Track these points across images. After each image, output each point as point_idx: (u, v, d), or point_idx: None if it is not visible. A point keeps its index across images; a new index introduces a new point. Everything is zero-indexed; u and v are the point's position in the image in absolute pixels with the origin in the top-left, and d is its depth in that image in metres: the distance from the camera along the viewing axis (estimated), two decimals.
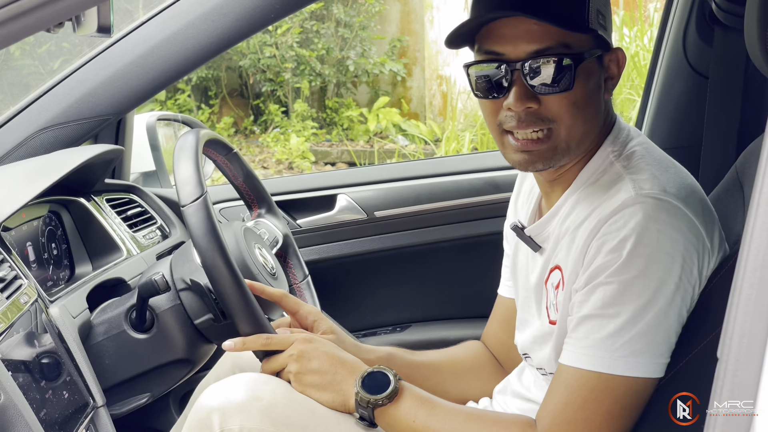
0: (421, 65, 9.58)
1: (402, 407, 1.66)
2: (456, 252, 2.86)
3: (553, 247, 1.70)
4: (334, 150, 8.73)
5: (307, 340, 1.72)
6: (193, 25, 2.25)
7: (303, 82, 9.06)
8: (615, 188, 1.57)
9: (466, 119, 8.38)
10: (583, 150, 1.64)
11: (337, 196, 2.85)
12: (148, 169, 2.85)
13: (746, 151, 1.96)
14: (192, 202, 1.70)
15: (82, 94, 2.28)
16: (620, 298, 1.50)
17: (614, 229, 1.51)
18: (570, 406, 1.55)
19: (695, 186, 1.64)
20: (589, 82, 1.58)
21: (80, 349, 1.79)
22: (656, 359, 1.51)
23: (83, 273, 2.19)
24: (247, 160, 2.17)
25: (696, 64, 2.43)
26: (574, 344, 1.56)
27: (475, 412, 1.70)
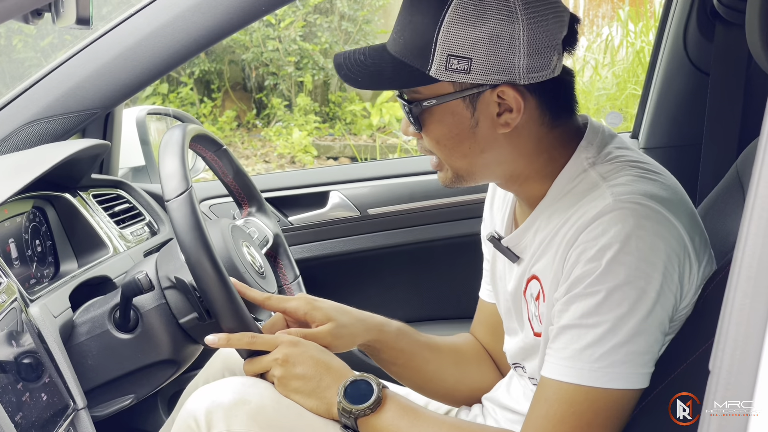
0: None
1: (385, 417, 1.64)
2: (450, 250, 2.83)
3: (530, 258, 1.67)
4: (337, 144, 8.71)
5: (293, 343, 1.70)
6: (183, 17, 2.21)
7: (306, 76, 9.03)
8: (592, 195, 1.53)
9: None
10: (496, 176, 1.65)
11: (330, 193, 2.82)
12: (138, 164, 2.82)
13: (747, 150, 1.94)
14: (176, 196, 1.68)
15: (69, 88, 2.24)
16: (599, 308, 1.46)
17: (592, 237, 1.47)
18: (549, 420, 1.51)
19: (677, 188, 1.60)
20: (452, 124, 1.57)
21: (61, 350, 1.75)
22: (638, 369, 1.48)
23: (68, 270, 2.15)
24: (238, 157, 2.13)
25: (697, 60, 2.40)
26: (554, 355, 1.53)
27: (459, 424, 1.68)
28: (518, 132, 1.58)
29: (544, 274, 1.61)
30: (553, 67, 1.54)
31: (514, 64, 1.50)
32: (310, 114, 9.02)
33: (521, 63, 1.50)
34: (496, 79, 1.52)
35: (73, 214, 2.22)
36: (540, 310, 1.65)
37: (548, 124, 1.60)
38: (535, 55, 1.51)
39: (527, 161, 1.62)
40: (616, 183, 1.52)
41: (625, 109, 7.13)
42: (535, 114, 1.57)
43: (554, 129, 1.60)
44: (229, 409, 1.66)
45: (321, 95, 9.54)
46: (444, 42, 1.50)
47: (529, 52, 1.50)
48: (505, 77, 1.51)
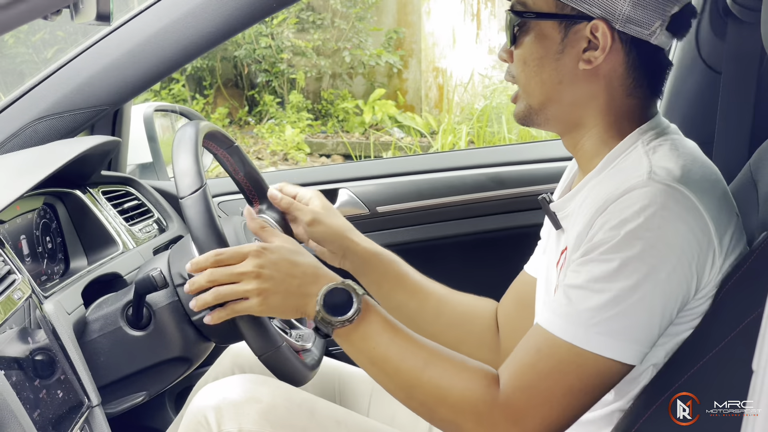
0: (417, 57, 9.56)
1: (364, 331, 1.59)
2: (459, 249, 2.82)
3: (570, 229, 1.67)
4: (329, 142, 8.71)
5: (260, 252, 1.62)
6: (193, 14, 2.20)
7: (298, 73, 9.03)
8: (633, 168, 1.55)
9: (462, 112, 8.36)
10: (563, 119, 1.68)
11: (339, 191, 2.81)
12: (145, 160, 2.81)
13: (761, 149, 1.94)
14: (191, 193, 1.67)
15: (78, 84, 2.23)
16: (609, 276, 1.47)
17: (619, 209, 1.48)
18: (536, 371, 1.51)
19: (718, 184, 1.61)
20: (541, 44, 1.63)
21: (75, 347, 1.74)
22: (631, 345, 1.48)
23: (78, 267, 2.14)
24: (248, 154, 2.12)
25: (709, 59, 2.39)
26: (556, 308, 1.53)
27: (440, 351, 1.62)
28: (597, 77, 1.61)
29: (571, 241, 1.61)
30: (652, 31, 1.58)
31: (617, 5, 1.56)
32: (302, 111, 9.02)
33: (624, 7, 1.56)
34: (596, 13, 1.57)
35: (82, 211, 2.21)
36: (559, 279, 1.66)
37: (627, 88, 1.63)
38: (640, 7, 1.56)
39: (594, 114, 1.65)
40: (657, 164, 1.53)
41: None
42: (618, 69, 1.61)
43: (630, 97, 1.63)
44: (239, 406, 1.65)
45: (313, 92, 9.54)
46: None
47: (635, 2, 1.56)
48: (604, 14, 1.57)
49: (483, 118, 7.43)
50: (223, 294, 1.62)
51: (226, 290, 1.62)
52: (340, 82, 9.53)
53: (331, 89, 9.51)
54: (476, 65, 9.33)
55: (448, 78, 9.21)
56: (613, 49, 1.59)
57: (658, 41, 1.59)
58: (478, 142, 7.35)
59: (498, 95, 7.85)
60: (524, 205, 2.77)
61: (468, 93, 8.86)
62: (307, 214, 2.01)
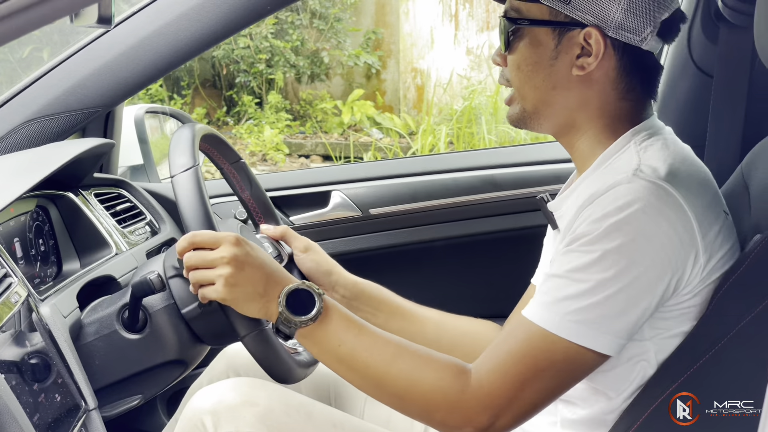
0: (395, 58, 9.57)
1: (327, 330, 1.61)
2: (453, 251, 2.83)
3: (565, 229, 1.68)
4: (308, 142, 8.70)
5: (236, 242, 1.63)
6: (186, 16, 2.20)
7: (277, 74, 9.02)
8: (622, 165, 1.59)
9: (440, 113, 8.37)
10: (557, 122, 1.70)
11: (332, 193, 2.81)
12: (136, 162, 2.80)
13: (753, 152, 1.95)
14: (182, 171, 1.68)
15: (70, 86, 2.22)
16: (588, 267, 1.50)
17: (603, 203, 1.51)
18: (510, 356, 1.54)
19: (707, 182, 1.65)
20: (535, 50, 1.66)
21: (72, 350, 1.74)
22: (605, 335, 1.50)
23: (71, 270, 2.13)
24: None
25: (701, 62, 2.41)
26: (536, 299, 1.56)
27: (407, 346, 1.63)
28: (590, 82, 1.64)
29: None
30: (643, 37, 1.62)
31: (610, 13, 1.60)
32: (281, 111, 9.00)
33: (616, 15, 1.60)
34: (589, 20, 1.61)
35: (75, 214, 2.19)
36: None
37: (620, 92, 1.66)
38: (632, 14, 1.60)
39: (588, 117, 1.68)
40: (644, 162, 1.57)
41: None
42: (611, 74, 1.64)
43: (623, 100, 1.66)
44: (236, 410, 1.65)
45: (292, 93, 9.52)
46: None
47: (628, 9, 1.59)
48: (597, 21, 1.60)
49: (462, 119, 7.44)
50: (196, 278, 1.64)
51: (199, 275, 1.63)
52: (319, 82, 9.52)
53: (310, 90, 9.50)
54: (455, 66, 9.34)
55: (427, 78, 9.22)
56: (606, 55, 1.62)
57: (648, 46, 1.63)
58: (458, 143, 7.35)
59: (477, 96, 7.86)
60: (518, 208, 2.78)
61: (447, 94, 8.87)
62: (301, 241, 2.04)
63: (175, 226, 2.54)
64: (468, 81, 9.06)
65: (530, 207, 2.73)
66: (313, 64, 9.26)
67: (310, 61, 9.23)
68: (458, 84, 9.05)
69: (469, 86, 8.74)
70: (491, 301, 2.50)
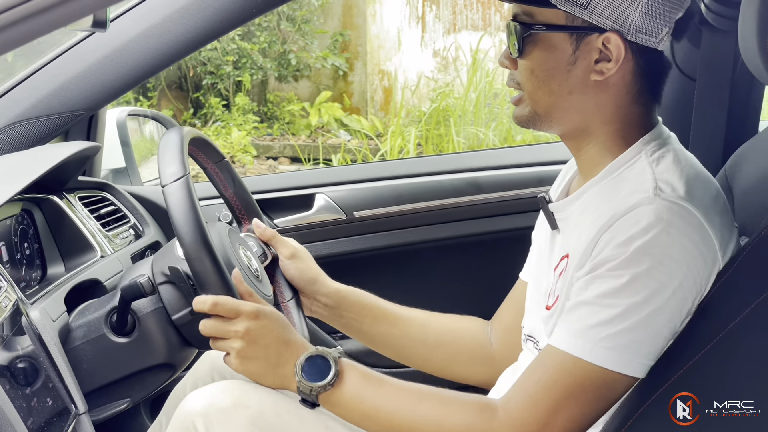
0: (362, 60, 9.57)
1: (347, 390, 1.65)
2: (437, 253, 2.84)
3: (568, 234, 1.71)
4: (276, 144, 8.69)
5: (254, 315, 1.68)
6: (171, 19, 2.20)
7: (244, 76, 8.99)
8: (636, 184, 1.58)
9: (408, 115, 8.38)
10: (569, 126, 1.69)
11: (316, 196, 2.81)
12: (118, 165, 2.79)
13: (736, 155, 1.98)
14: (173, 181, 1.69)
15: (53, 89, 2.21)
16: (618, 292, 1.51)
17: (626, 226, 1.51)
18: (541, 386, 1.55)
19: (719, 197, 1.65)
20: (552, 55, 1.63)
21: (61, 354, 1.74)
22: (637, 358, 1.52)
23: (55, 274, 2.13)
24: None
25: (684, 66, 2.42)
26: (564, 327, 1.57)
27: (428, 391, 1.68)
28: (607, 87, 1.63)
29: (573, 253, 1.64)
30: (660, 39, 1.61)
31: (629, 17, 1.58)
32: (248, 113, 8.98)
33: (635, 19, 1.58)
34: (608, 25, 1.59)
35: (60, 217, 2.19)
36: (557, 285, 1.69)
37: (633, 95, 1.65)
38: (649, 17, 1.58)
39: (601, 122, 1.67)
40: (661, 179, 1.57)
41: None
42: (627, 78, 1.64)
43: (636, 104, 1.66)
44: (227, 412, 1.65)
45: (259, 95, 9.50)
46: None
47: (646, 12, 1.58)
48: (615, 25, 1.59)
49: (431, 121, 7.45)
50: (214, 345, 1.72)
51: (216, 344, 1.71)
52: (286, 84, 9.50)
53: (277, 92, 9.48)
54: (422, 68, 9.35)
55: (394, 80, 9.23)
56: (624, 59, 1.61)
57: (663, 47, 1.63)
58: (426, 145, 7.36)
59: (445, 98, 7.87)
60: (502, 210, 2.79)
61: (414, 96, 8.88)
62: (288, 248, 2.06)
63: (159, 230, 2.54)
64: (435, 83, 9.07)
65: (514, 209, 2.75)
66: (281, 66, 9.24)
67: (277, 63, 9.21)
68: (425, 86, 9.06)
69: (436, 88, 8.75)
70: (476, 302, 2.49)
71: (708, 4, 2.26)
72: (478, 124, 7.27)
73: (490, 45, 8.53)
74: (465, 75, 8.13)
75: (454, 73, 9.04)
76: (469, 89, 7.47)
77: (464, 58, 8.89)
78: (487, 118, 7.42)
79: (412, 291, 2.81)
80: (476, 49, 7.92)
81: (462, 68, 8.72)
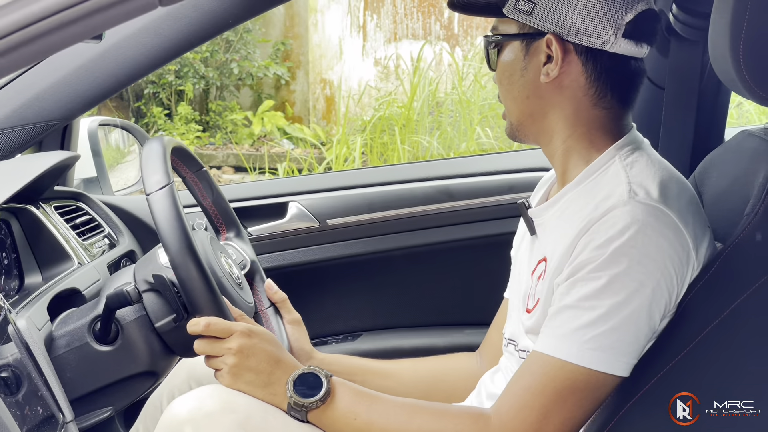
0: (304, 69, 9.57)
1: (339, 406, 1.68)
2: (410, 261, 2.86)
3: (545, 238, 1.75)
4: (220, 153, 8.65)
5: (247, 333, 1.72)
6: (147, 29, 2.20)
7: (186, 85, 8.94)
8: (611, 188, 1.62)
9: (350, 123, 8.39)
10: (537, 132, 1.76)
11: (289, 204, 2.82)
12: (90, 175, 2.78)
13: (706, 161, 2.02)
14: (157, 190, 1.71)
15: (27, 99, 2.19)
16: (599, 293, 1.55)
17: (603, 229, 1.56)
18: (530, 391, 1.59)
19: (693, 198, 1.70)
20: (509, 63, 1.74)
21: (48, 363, 1.73)
22: (621, 357, 1.56)
23: (33, 283, 2.12)
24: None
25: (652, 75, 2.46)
26: (549, 333, 1.61)
27: (421, 404, 1.72)
28: (560, 88, 1.70)
29: (551, 256, 1.68)
30: (605, 40, 1.66)
31: (568, 19, 1.65)
32: (191, 123, 8.93)
33: (574, 21, 1.65)
34: (548, 28, 1.67)
35: (37, 227, 2.18)
36: (536, 289, 1.73)
37: (591, 98, 1.71)
38: (589, 18, 1.64)
39: (563, 125, 1.73)
40: (636, 182, 1.62)
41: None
42: (580, 80, 1.70)
43: (597, 107, 1.71)
44: (215, 417, 1.66)
45: (200, 104, 9.45)
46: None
47: (584, 13, 1.64)
48: (555, 28, 1.66)
49: (376, 130, 7.47)
50: (207, 363, 1.75)
51: (209, 362, 1.74)
52: (228, 93, 9.47)
53: (219, 101, 9.44)
54: (363, 77, 9.37)
55: (336, 89, 9.24)
56: (570, 60, 1.68)
57: (616, 49, 1.67)
58: (371, 153, 7.38)
59: (389, 107, 7.90)
60: (474, 217, 2.81)
61: (357, 105, 8.90)
62: (293, 315, 2.09)
63: (133, 239, 2.54)
64: (378, 92, 9.09)
65: (485, 216, 2.78)
66: (223, 75, 9.21)
67: (219, 73, 9.17)
68: (367, 95, 9.08)
69: (379, 98, 8.78)
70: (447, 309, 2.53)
71: (676, 15, 2.31)
72: (422, 133, 7.31)
73: (430, 54, 8.57)
74: (408, 84, 8.16)
75: (396, 82, 9.07)
76: (413, 98, 7.50)
77: (405, 66, 8.92)
78: (431, 126, 7.45)
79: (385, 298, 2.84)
80: (418, 58, 7.96)
81: (404, 76, 8.75)
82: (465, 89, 7.81)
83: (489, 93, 7.68)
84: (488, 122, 7.38)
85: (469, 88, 7.86)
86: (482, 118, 7.37)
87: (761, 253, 1.58)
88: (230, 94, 9.48)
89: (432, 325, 2.35)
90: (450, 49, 9.08)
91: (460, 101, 7.50)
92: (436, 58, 8.81)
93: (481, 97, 7.65)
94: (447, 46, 9.22)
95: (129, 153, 3.01)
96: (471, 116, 7.36)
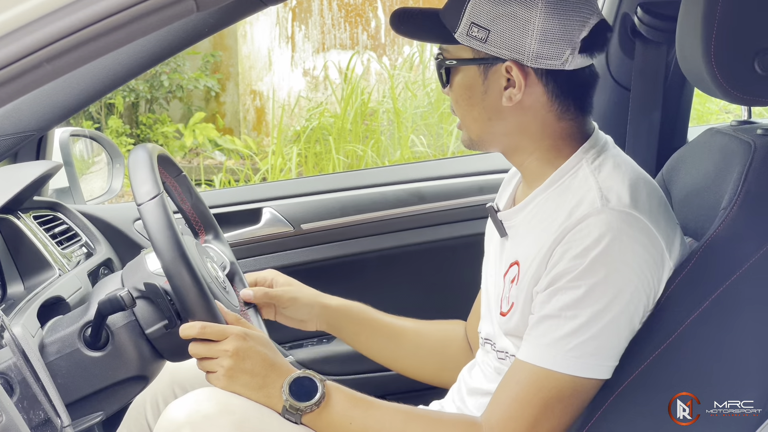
0: (234, 80, 9.54)
1: (334, 411, 1.71)
2: (383, 263, 2.90)
3: (518, 241, 1.79)
4: None
5: (242, 336, 1.74)
6: None
7: (117, 98, 8.86)
8: (582, 195, 1.67)
9: (281, 134, 8.39)
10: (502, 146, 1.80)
11: (263, 210, 2.84)
12: (62, 185, 2.77)
13: (673, 158, 2.08)
14: (149, 200, 1.74)
15: (5, 110, 2.15)
16: (579, 302, 1.60)
17: (579, 238, 1.61)
18: (518, 401, 1.63)
19: (661, 198, 1.76)
20: (467, 87, 1.75)
21: (44, 369, 1.74)
22: (605, 362, 1.62)
23: (15, 293, 2.13)
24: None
25: (618, 76, 2.54)
26: (532, 342, 1.65)
27: (416, 412, 1.76)
28: (524, 110, 1.73)
29: (524, 261, 1.72)
30: (564, 60, 1.69)
31: (525, 45, 1.67)
32: (122, 136, 8.84)
33: (531, 47, 1.67)
34: (506, 55, 1.68)
35: (18, 236, 2.18)
36: (510, 293, 1.77)
37: (555, 113, 1.74)
38: (546, 43, 1.66)
39: (531, 140, 1.76)
40: (606, 187, 1.67)
41: (441, 125, 7.30)
42: (542, 99, 1.72)
43: (562, 120, 1.75)
44: (213, 419, 1.68)
45: (129, 117, 9.37)
46: (472, 10, 1.67)
47: (541, 39, 1.66)
48: (514, 55, 1.68)
49: (310, 140, 7.48)
50: (201, 366, 1.76)
51: (202, 364, 1.76)
52: (158, 106, 9.40)
53: (149, 114, 9.36)
54: (293, 87, 9.37)
55: (266, 100, 9.22)
56: (531, 83, 1.71)
57: (573, 66, 1.71)
58: (306, 163, 7.39)
59: (321, 117, 7.91)
60: (445, 219, 2.86)
61: (288, 116, 8.89)
62: (285, 302, 2.10)
63: (110, 247, 2.54)
64: (309, 102, 9.10)
65: (456, 218, 2.83)
66: (153, 87, 9.14)
67: (149, 85, 9.10)
68: (297, 105, 9.07)
69: (310, 108, 8.78)
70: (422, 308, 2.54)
71: (641, 17, 2.38)
72: (356, 142, 7.33)
73: (358, 64, 8.59)
74: (339, 93, 8.18)
75: (326, 92, 9.08)
76: (347, 108, 7.52)
77: (336, 76, 8.94)
78: (364, 135, 7.48)
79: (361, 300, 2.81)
80: (348, 68, 7.99)
81: (335, 86, 8.76)
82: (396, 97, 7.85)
83: (420, 102, 7.72)
84: (421, 130, 7.42)
85: (400, 96, 7.90)
86: (415, 127, 7.41)
87: (739, 244, 1.64)
88: (160, 106, 9.40)
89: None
90: (377, 59, 9.12)
91: (393, 110, 7.53)
92: (365, 67, 8.84)
93: (413, 105, 7.68)
94: (374, 55, 9.26)
95: (93, 164, 3.00)
96: (405, 124, 7.39)
